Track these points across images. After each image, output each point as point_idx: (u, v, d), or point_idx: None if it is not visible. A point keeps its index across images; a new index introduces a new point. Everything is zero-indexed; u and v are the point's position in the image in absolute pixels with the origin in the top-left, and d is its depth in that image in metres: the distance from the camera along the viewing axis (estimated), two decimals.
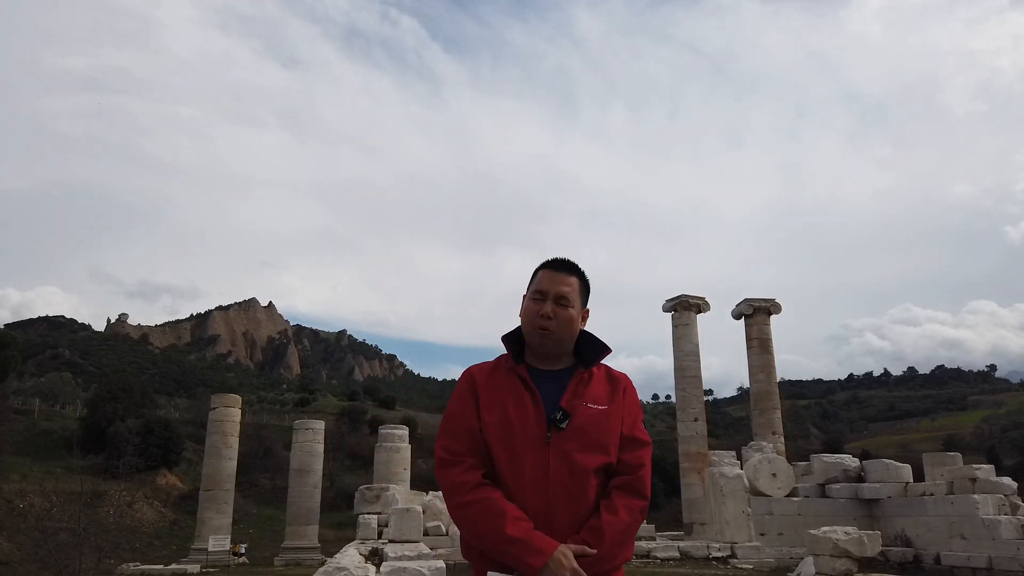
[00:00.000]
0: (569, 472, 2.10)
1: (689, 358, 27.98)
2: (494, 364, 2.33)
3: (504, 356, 2.34)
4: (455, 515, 2.15)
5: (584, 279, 2.37)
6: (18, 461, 37.51)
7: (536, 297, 2.29)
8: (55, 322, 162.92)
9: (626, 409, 2.26)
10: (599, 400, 2.22)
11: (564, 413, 2.15)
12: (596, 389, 2.24)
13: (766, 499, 20.21)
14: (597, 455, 2.15)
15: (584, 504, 2.12)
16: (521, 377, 2.23)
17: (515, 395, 2.20)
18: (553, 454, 2.11)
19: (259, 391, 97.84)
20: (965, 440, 65.94)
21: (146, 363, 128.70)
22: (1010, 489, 17.79)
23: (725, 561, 17.54)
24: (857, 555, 10.81)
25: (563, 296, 2.27)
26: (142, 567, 21.40)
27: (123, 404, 43.16)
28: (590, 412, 2.18)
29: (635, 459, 2.22)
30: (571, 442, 2.13)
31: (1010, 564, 15.53)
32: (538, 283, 2.31)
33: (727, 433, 71.37)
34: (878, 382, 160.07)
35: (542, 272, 2.34)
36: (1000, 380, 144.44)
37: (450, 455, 2.18)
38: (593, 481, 2.14)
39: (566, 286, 2.29)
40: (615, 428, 2.21)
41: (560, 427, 2.13)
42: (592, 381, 2.26)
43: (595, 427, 2.17)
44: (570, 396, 2.20)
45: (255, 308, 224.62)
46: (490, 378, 2.26)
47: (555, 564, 1.95)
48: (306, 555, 25.24)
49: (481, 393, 2.23)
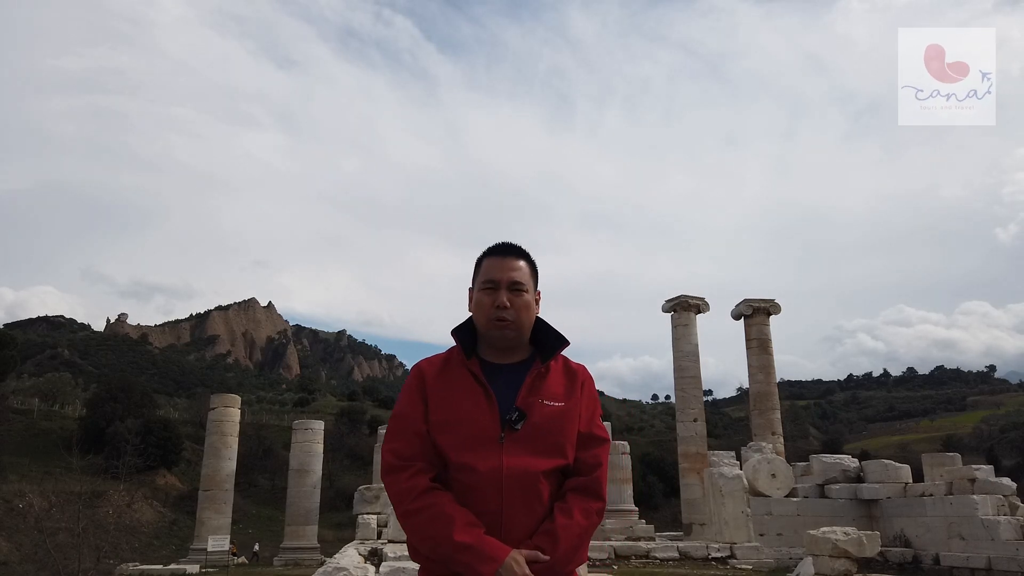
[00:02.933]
0: (524, 474, 1.99)
1: (688, 358, 27.98)
2: (445, 357, 2.18)
3: (455, 348, 2.18)
4: (403, 523, 2.02)
5: (532, 261, 2.25)
6: (17, 461, 37.50)
7: (487, 287, 2.15)
8: (54, 322, 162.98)
9: (584, 405, 2.14)
10: (557, 397, 2.09)
11: (520, 413, 2.03)
12: (554, 384, 2.12)
13: (765, 499, 20.22)
14: (553, 457, 2.04)
15: (539, 507, 2.01)
16: (473, 373, 2.09)
17: (468, 392, 2.06)
18: (507, 455, 1.99)
19: (258, 391, 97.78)
20: (964, 441, 65.97)
21: (145, 363, 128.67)
22: (1009, 490, 17.81)
23: (724, 561, 17.53)
24: (856, 555, 10.81)
25: (516, 282, 2.15)
26: (141, 567, 21.40)
27: (122, 404, 43.14)
28: (547, 410, 2.06)
29: (592, 458, 2.11)
30: (527, 443, 2.02)
31: (1009, 564, 15.53)
32: (487, 272, 2.17)
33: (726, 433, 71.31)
34: (877, 383, 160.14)
35: (488, 260, 2.20)
36: (999, 381, 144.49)
37: (397, 459, 2.05)
38: (548, 483, 2.03)
39: (517, 271, 2.16)
40: (572, 426, 2.09)
41: (515, 428, 2.02)
42: (549, 376, 2.13)
43: (552, 426, 2.05)
44: (526, 393, 2.06)
45: (254, 308, 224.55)
46: (441, 373, 2.12)
47: (506, 571, 1.85)
48: (305, 555, 25.24)
49: (431, 391, 2.09)
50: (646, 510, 34.69)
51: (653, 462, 51.54)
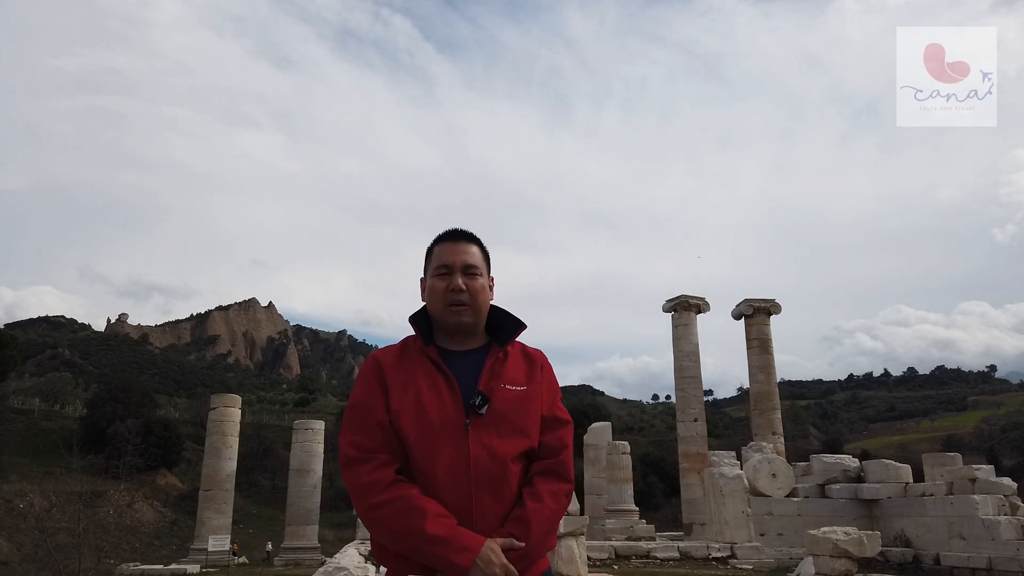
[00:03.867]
0: (491, 460, 1.95)
1: (689, 358, 27.98)
2: (401, 347, 2.14)
3: (412, 337, 2.15)
4: (367, 518, 1.94)
5: (484, 247, 2.24)
6: (18, 461, 37.54)
7: (441, 272, 2.13)
8: (55, 322, 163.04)
9: (545, 388, 2.12)
10: (517, 381, 2.07)
11: (483, 397, 1.99)
12: (513, 369, 2.09)
13: (766, 499, 20.22)
14: (519, 440, 2.01)
15: (508, 493, 1.97)
16: (432, 359, 2.06)
17: (428, 379, 2.02)
18: (473, 442, 1.95)
19: (259, 391, 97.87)
20: (965, 440, 66.02)
21: (146, 363, 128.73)
22: (1010, 490, 17.80)
23: (725, 561, 17.53)
24: (857, 555, 10.81)
25: (470, 265, 2.13)
26: (142, 567, 21.40)
27: (123, 404, 43.19)
28: (509, 394, 2.03)
29: (556, 440, 2.09)
30: (491, 428, 1.98)
31: (1009, 564, 15.52)
32: (439, 257, 2.16)
33: (727, 433, 71.33)
34: (878, 382, 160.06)
35: (440, 246, 2.18)
36: (1000, 381, 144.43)
37: (358, 451, 1.97)
38: (516, 468, 2.00)
39: (470, 255, 2.15)
40: (535, 410, 2.07)
41: (479, 412, 1.98)
42: (508, 360, 2.11)
43: (515, 410, 2.02)
44: (487, 378, 2.04)
45: (255, 308, 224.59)
46: (398, 362, 2.07)
47: (483, 561, 1.81)
48: (306, 555, 25.25)
49: (390, 379, 2.03)
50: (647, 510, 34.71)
51: (653, 462, 51.56)
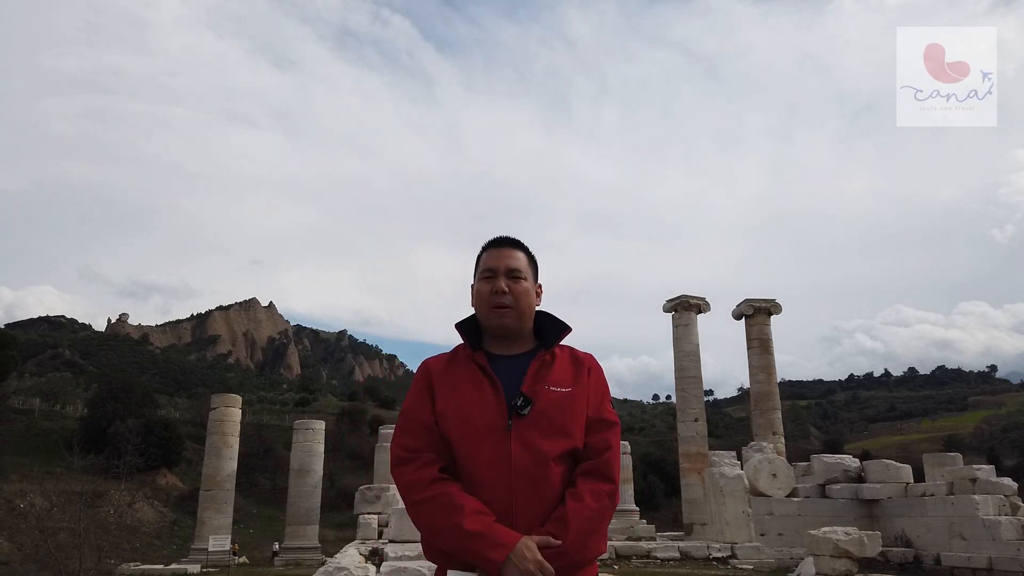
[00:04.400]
0: (532, 460, 1.98)
1: (689, 358, 27.96)
2: (451, 354, 2.23)
3: (461, 345, 2.23)
4: (412, 514, 2.02)
5: (531, 254, 2.30)
6: (18, 461, 37.55)
7: (486, 276, 2.21)
8: (55, 322, 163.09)
9: (591, 390, 2.15)
10: (563, 383, 2.11)
11: (525, 399, 2.04)
12: (559, 371, 2.13)
13: (766, 499, 20.21)
14: (561, 440, 2.04)
15: (550, 493, 2.00)
16: (479, 364, 2.12)
17: (473, 383, 2.09)
18: (515, 442, 1.99)
19: (259, 391, 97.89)
20: (965, 441, 65.96)
21: (146, 363, 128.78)
22: (1010, 490, 17.80)
23: (725, 561, 17.53)
24: (857, 555, 10.81)
25: (514, 269, 2.20)
26: (142, 567, 21.40)
27: (123, 404, 43.18)
28: (553, 396, 2.07)
29: (601, 441, 2.09)
30: (533, 428, 2.02)
31: (1010, 565, 15.52)
32: (485, 263, 2.24)
33: (727, 433, 71.33)
34: (878, 383, 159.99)
35: (487, 252, 2.26)
36: (1000, 381, 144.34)
37: (405, 452, 2.07)
38: (558, 468, 2.02)
39: (514, 259, 2.22)
40: (580, 411, 2.09)
41: (521, 413, 2.02)
42: (555, 363, 2.15)
43: (558, 411, 2.06)
44: (531, 380, 2.08)
45: (255, 308, 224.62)
46: (447, 368, 2.16)
47: (518, 557, 1.84)
48: (306, 555, 25.26)
49: (437, 385, 2.13)
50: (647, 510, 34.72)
51: (654, 462, 51.55)
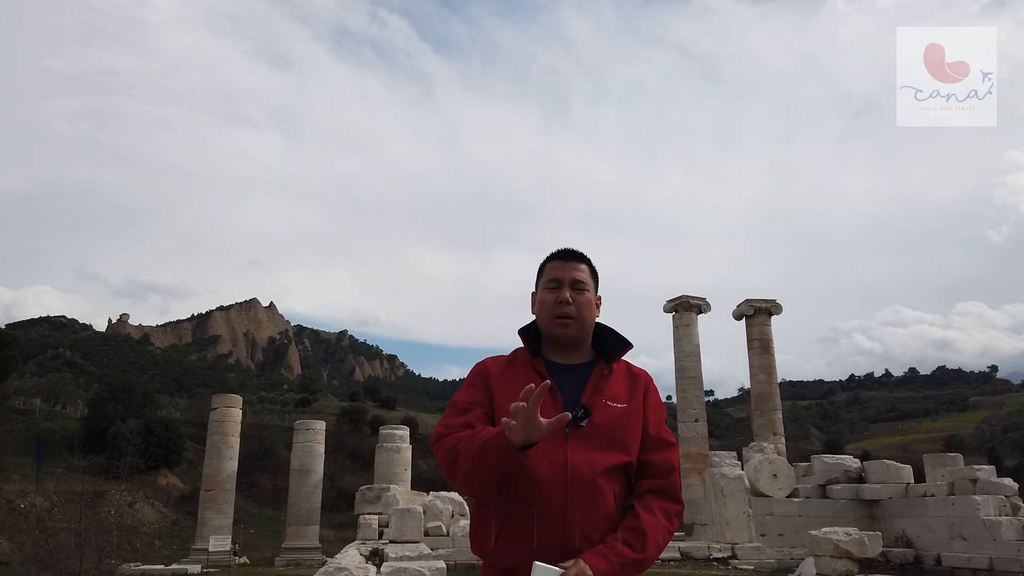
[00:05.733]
0: (588, 470, 2.02)
1: (690, 359, 27.96)
2: (510, 358, 2.26)
3: (520, 350, 2.26)
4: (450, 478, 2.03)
5: (593, 268, 2.35)
6: (19, 461, 37.55)
7: (551, 286, 2.24)
8: (56, 322, 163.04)
9: (650, 409, 2.20)
10: (619, 398, 2.15)
11: (585, 410, 2.07)
12: (616, 386, 2.17)
13: (767, 500, 20.20)
14: (616, 454, 2.08)
15: (602, 503, 2.03)
16: (539, 371, 2.15)
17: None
18: (572, 451, 2.03)
19: (260, 391, 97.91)
20: (966, 441, 66.00)
21: (147, 363, 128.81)
22: (1011, 490, 17.78)
23: (726, 562, 17.53)
24: (858, 556, 10.81)
25: (578, 281, 2.24)
26: (143, 567, 21.39)
27: (124, 404, 43.18)
28: (610, 410, 2.11)
29: (665, 461, 2.15)
30: (590, 440, 2.06)
31: (1011, 565, 15.51)
32: (550, 273, 2.28)
33: (728, 434, 71.38)
34: (879, 383, 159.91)
35: (552, 263, 2.30)
36: (1001, 381, 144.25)
37: (446, 429, 2.08)
38: (611, 480, 2.07)
39: (579, 272, 2.27)
40: (635, 427, 2.14)
41: (580, 424, 2.06)
42: (612, 378, 2.19)
43: (615, 425, 2.10)
44: (591, 392, 2.12)
45: (256, 308, 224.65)
46: (506, 371, 2.19)
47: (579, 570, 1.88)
48: (307, 555, 25.25)
49: (495, 386, 2.15)
50: None
51: None
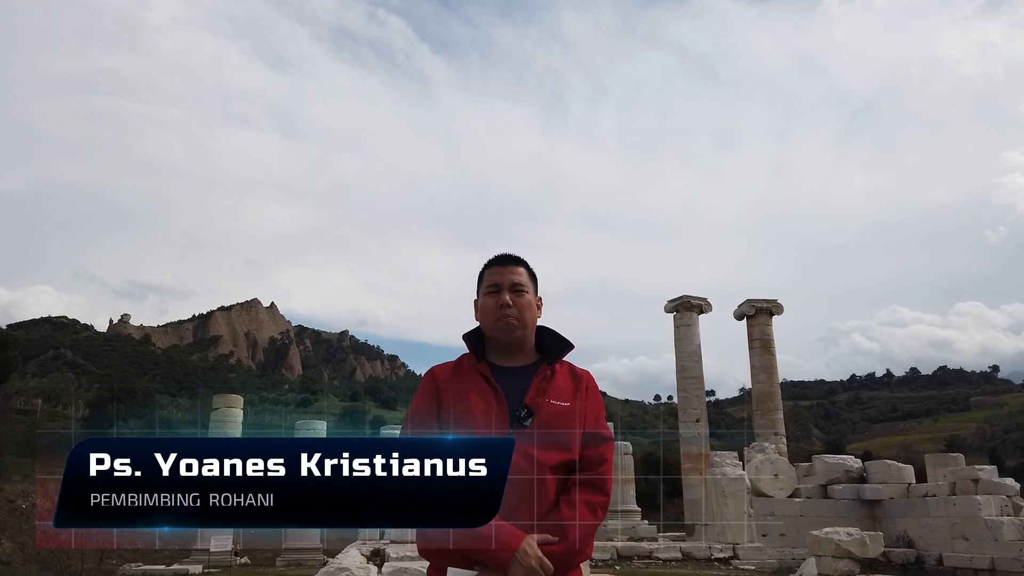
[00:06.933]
0: (531, 469, 2.09)
1: (691, 359, 27.97)
2: (456, 363, 2.33)
3: (466, 355, 2.34)
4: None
5: (531, 269, 2.41)
6: (20, 462, 37.59)
7: (491, 291, 2.32)
8: (57, 323, 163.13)
9: (589, 405, 2.26)
10: (563, 397, 2.22)
11: (528, 410, 2.16)
12: (560, 386, 2.25)
13: (768, 500, 20.19)
14: (559, 452, 2.15)
15: (545, 501, 2.11)
16: (484, 374, 2.24)
17: (479, 392, 2.20)
18: (516, 451, 2.04)
19: (261, 391, 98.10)
20: (967, 441, 65.99)
21: (148, 364, 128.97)
22: (1013, 490, 17.75)
23: (727, 562, 17.53)
24: (859, 556, 10.81)
25: (517, 284, 2.32)
26: (144, 567, 21.41)
27: (125, 404, 43.27)
28: (554, 409, 2.18)
29: (597, 455, 2.20)
30: (534, 439, 2.12)
31: (1012, 565, 15.48)
32: (489, 279, 2.35)
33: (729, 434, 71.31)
34: (880, 383, 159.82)
35: (490, 269, 2.37)
36: (1002, 381, 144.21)
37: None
38: (554, 478, 2.13)
39: (517, 275, 2.34)
40: (577, 426, 2.20)
41: (524, 424, 2.14)
42: (555, 378, 2.26)
43: (558, 424, 2.17)
44: (534, 393, 2.20)
45: (257, 309, 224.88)
46: (453, 376, 2.27)
47: (521, 554, 1.95)
48: (307, 556, 25.24)
49: (443, 392, 2.22)
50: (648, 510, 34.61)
51: (655, 462, 51.51)
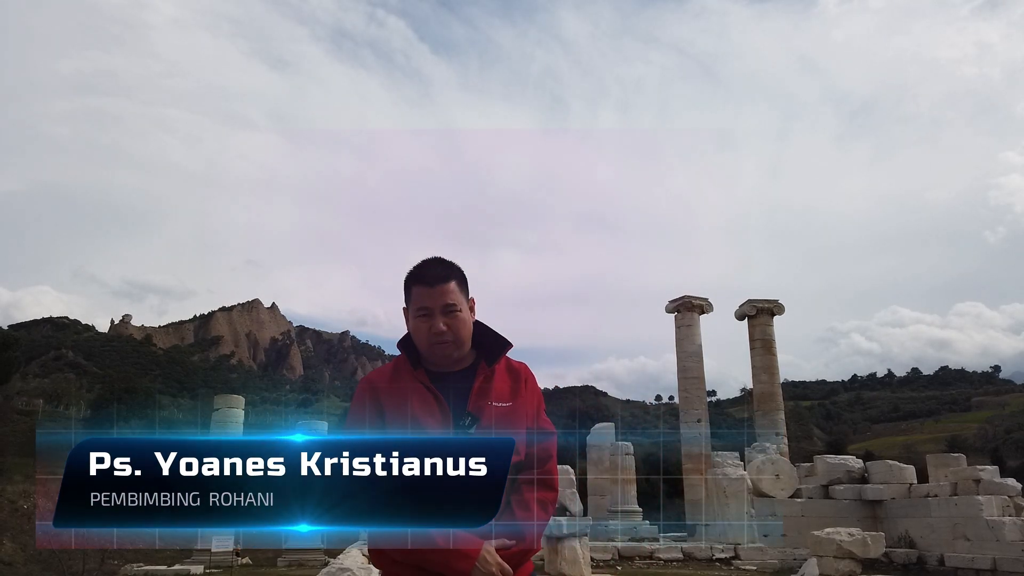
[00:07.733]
0: None
1: (692, 359, 27.96)
2: (393, 369, 2.25)
3: (402, 358, 2.26)
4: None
5: (460, 275, 2.27)
6: (22, 462, 37.61)
7: (422, 314, 2.19)
8: (59, 323, 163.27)
9: (529, 401, 2.22)
10: (503, 397, 2.18)
11: (472, 418, 2.11)
12: (500, 385, 2.20)
13: (769, 500, 20.18)
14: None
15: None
16: (423, 383, 2.17)
17: (420, 401, 2.14)
18: None
19: (262, 392, 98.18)
20: (969, 441, 65.92)
21: (149, 364, 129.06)
22: (1014, 490, 17.73)
23: (728, 562, 17.52)
24: (861, 556, 10.80)
25: (448, 305, 2.19)
26: (145, 568, 21.42)
27: (127, 405, 43.31)
28: (497, 411, 2.14)
29: (543, 451, 2.17)
30: None
31: (1014, 566, 15.46)
32: (417, 300, 2.21)
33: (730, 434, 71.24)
34: (881, 383, 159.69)
35: (416, 289, 2.22)
36: (1004, 381, 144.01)
37: None
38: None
39: (447, 295, 2.19)
40: (521, 424, 2.16)
41: (468, 432, 2.09)
42: (495, 377, 2.21)
43: (503, 426, 2.13)
44: (476, 397, 2.15)
45: (258, 309, 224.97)
46: (391, 385, 2.20)
47: (481, 563, 1.94)
48: (309, 556, 25.24)
49: (385, 401, 2.15)
50: (649, 511, 34.60)
51: (656, 463, 51.48)
